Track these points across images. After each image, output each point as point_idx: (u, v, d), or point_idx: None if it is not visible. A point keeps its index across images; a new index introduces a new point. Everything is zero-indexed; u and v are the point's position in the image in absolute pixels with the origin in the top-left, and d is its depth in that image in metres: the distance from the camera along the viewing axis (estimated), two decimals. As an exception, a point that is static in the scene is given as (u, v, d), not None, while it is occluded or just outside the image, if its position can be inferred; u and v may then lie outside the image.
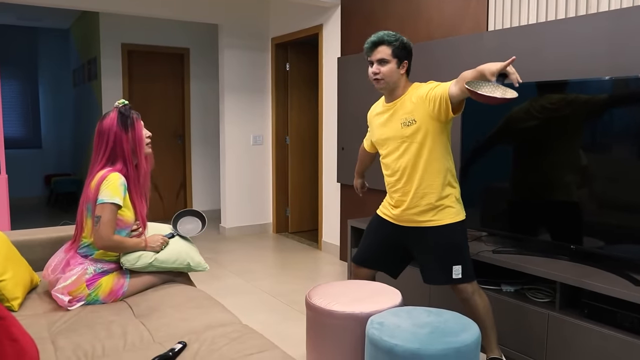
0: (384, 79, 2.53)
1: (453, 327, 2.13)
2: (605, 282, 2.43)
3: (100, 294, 2.34)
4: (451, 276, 2.55)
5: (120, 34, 6.49)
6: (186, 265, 2.55)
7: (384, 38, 2.53)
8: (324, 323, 2.40)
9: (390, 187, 2.68)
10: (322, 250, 5.39)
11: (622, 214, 2.52)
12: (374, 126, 2.73)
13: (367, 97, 4.49)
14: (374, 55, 2.53)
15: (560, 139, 2.73)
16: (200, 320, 2.04)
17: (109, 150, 2.38)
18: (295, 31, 5.63)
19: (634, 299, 2.27)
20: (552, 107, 2.72)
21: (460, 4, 3.67)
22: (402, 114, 2.54)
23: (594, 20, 2.83)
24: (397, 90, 2.59)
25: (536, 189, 2.89)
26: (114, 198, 2.29)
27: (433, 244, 2.57)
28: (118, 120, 2.39)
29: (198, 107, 7.13)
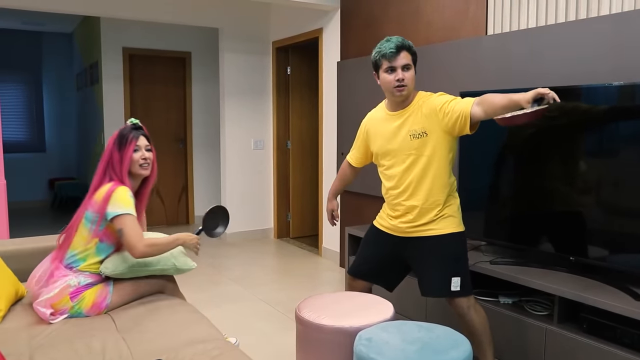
0: (407, 86, 2.40)
1: (443, 343, 2.05)
2: (604, 296, 2.35)
3: (84, 307, 2.29)
4: (449, 288, 2.44)
5: (122, 38, 6.47)
6: (171, 266, 2.48)
7: (404, 43, 2.40)
8: (313, 337, 2.34)
9: (392, 199, 2.57)
10: (322, 256, 5.33)
11: (623, 225, 2.43)
12: (375, 136, 2.59)
13: (367, 102, 4.42)
14: (398, 61, 2.37)
15: (559, 148, 2.65)
16: (181, 336, 1.98)
17: (103, 164, 2.40)
18: (295, 35, 5.58)
19: (634, 315, 2.19)
20: (552, 115, 2.64)
21: (460, 7, 3.60)
22: (411, 126, 2.43)
23: (594, 24, 2.75)
24: (408, 99, 2.48)
25: (535, 198, 2.81)
26: (128, 208, 2.28)
27: (433, 253, 2.48)
28: (116, 138, 2.42)
29: (200, 111, 7.09)
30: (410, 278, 3.26)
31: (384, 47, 2.39)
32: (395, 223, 2.55)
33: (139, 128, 2.47)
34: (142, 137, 2.45)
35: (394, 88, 2.39)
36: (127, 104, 6.59)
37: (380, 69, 2.44)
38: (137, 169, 2.43)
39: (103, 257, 2.39)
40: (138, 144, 2.42)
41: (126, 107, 6.58)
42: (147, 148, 2.46)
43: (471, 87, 3.41)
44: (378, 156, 2.61)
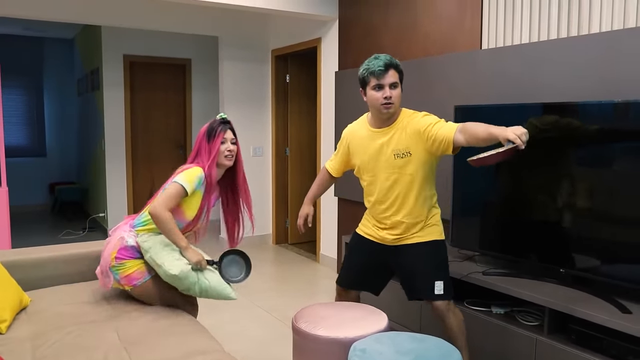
0: (394, 104, 2.46)
1: (435, 355, 2.12)
2: (592, 308, 2.42)
3: (120, 273, 2.51)
4: (433, 291, 2.56)
5: (122, 45, 6.54)
6: (224, 295, 2.54)
7: (392, 62, 2.45)
8: (309, 347, 2.40)
9: (378, 213, 2.66)
10: (320, 263, 5.40)
11: (611, 239, 2.50)
12: (357, 151, 2.65)
13: (364, 112, 4.49)
14: (386, 79, 2.43)
15: (551, 161, 2.72)
16: (181, 348, 2.05)
17: (194, 152, 2.66)
18: (294, 44, 5.65)
19: (619, 327, 2.25)
20: (544, 129, 2.71)
21: (456, 21, 3.67)
22: (396, 145, 2.49)
23: (586, 42, 2.82)
24: (393, 116, 2.53)
25: (526, 211, 2.88)
26: (185, 183, 2.49)
27: (418, 259, 2.60)
28: (206, 130, 2.65)
29: (199, 117, 7.16)
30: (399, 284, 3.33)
31: (373, 65, 2.43)
32: (382, 234, 2.66)
33: (227, 122, 2.67)
34: (229, 130, 2.65)
35: (381, 105, 2.44)
36: (128, 110, 6.66)
37: (367, 85, 2.48)
38: (223, 159, 2.62)
39: None
40: (225, 137, 2.62)
41: (126, 113, 6.65)
42: (233, 141, 2.66)
43: (467, 100, 3.48)
44: (360, 170, 2.67)
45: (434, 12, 3.84)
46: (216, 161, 2.61)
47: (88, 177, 7.93)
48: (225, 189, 2.79)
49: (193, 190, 2.52)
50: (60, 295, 2.66)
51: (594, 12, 2.84)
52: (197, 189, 2.54)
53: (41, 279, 2.84)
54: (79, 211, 8.18)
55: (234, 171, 2.74)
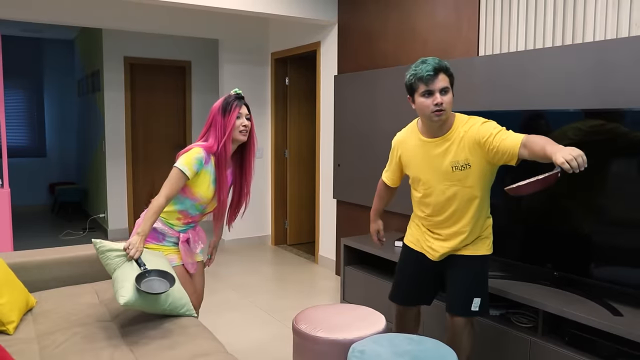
0: (445, 111, 2.26)
1: (431, 356, 2.19)
2: (585, 310, 2.49)
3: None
4: (470, 308, 2.45)
5: (123, 47, 6.60)
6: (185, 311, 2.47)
7: (441, 65, 2.27)
8: (309, 348, 2.47)
9: (431, 225, 2.52)
10: (319, 264, 5.46)
11: (604, 243, 2.57)
12: (410, 162, 2.50)
13: (363, 116, 4.56)
14: (437, 84, 2.25)
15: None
16: (186, 349, 2.11)
17: (206, 127, 2.65)
18: (294, 47, 5.71)
19: (611, 329, 2.32)
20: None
21: (453, 28, 3.74)
22: (454, 157, 2.33)
23: (579, 50, 2.89)
24: (446, 124, 2.35)
25: (522, 215, 2.94)
26: (183, 166, 2.52)
27: (461, 273, 2.48)
28: (221, 105, 2.64)
29: (199, 118, 7.22)
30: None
31: (420, 70, 2.26)
32: (435, 246, 2.51)
33: (242, 97, 2.68)
34: (244, 106, 2.66)
35: (432, 113, 2.26)
36: (128, 112, 6.71)
37: (415, 92, 2.30)
38: (237, 134, 2.62)
39: (180, 208, 2.62)
40: (240, 112, 2.63)
41: (127, 115, 6.70)
42: (247, 116, 2.67)
43: (464, 106, 3.54)
44: (414, 181, 2.52)
45: (432, 20, 3.91)
46: (230, 135, 2.61)
47: (88, 178, 7.98)
48: (234, 164, 2.78)
49: (194, 172, 2.54)
50: (65, 297, 2.72)
51: (587, 22, 2.91)
52: (200, 168, 2.56)
53: (47, 281, 2.89)
54: (79, 212, 8.23)
55: (247, 147, 2.75)
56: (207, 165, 2.58)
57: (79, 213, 8.16)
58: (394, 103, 4.20)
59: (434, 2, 3.89)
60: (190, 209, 2.63)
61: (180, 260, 2.67)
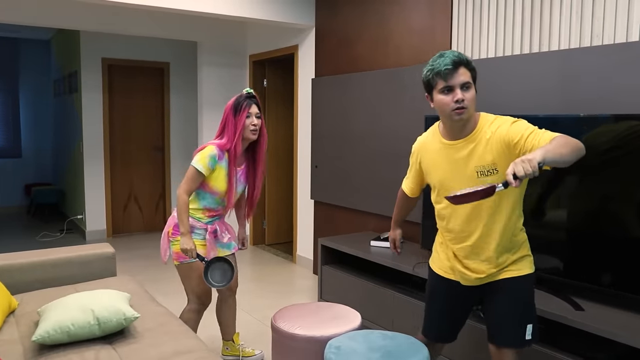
0: (467, 108, 2.00)
1: (404, 351, 2.30)
2: (549, 305, 2.62)
3: (173, 249, 2.83)
4: (524, 336, 2.13)
5: (101, 48, 6.60)
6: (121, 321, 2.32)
7: (461, 58, 2.01)
8: (287, 345, 2.56)
9: (453, 243, 2.21)
10: (297, 263, 5.55)
11: (567, 240, 2.71)
12: (430, 167, 2.23)
13: (340, 119, 4.66)
14: (456, 79, 1.98)
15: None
16: (168, 347, 2.18)
17: (221, 126, 2.83)
18: (272, 50, 5.79)
19: (573, 323, 2.46)
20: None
21: (427, 34, 3.86)
22: (479, 160, 2.04)
23: (545, 58, 3.03)
24: (470, 124, 2.07)
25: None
26: (198, 164, 2.73)
27: (507, 300, 2.15)
28: (233, 104, 2.80)
29: (178, 120, 7.25)
30: (374, 285, 3.52)
31: (438, 64, 2.00)
32: (463, 271, 2.21)
33: (253, 97, 2.83)
34: (254, 105, 2.81)
35: (453, 111, 2.00)
36: (106, 113, 6.72)
37: (434, 89, 2.05)
38: (248, 133, 2.79)
39: (203, 204, 2.83)
40: (250, 112, 2.78)
41: (105, 116, 6.71)
42: (257, 115, 2.82)
43: (435, 111, 3.66)
44: (436, 191, 2.23)
45: (407, 25, 4.03)
46: (241, 134, 2.77)
47: (65, 179, 7.95)
48: (247, 160, 2.94)
49: (209, 169, 2.74)
50: (48, 298, 2.76)
51: (553, 31, 3.05)
52: (214, 165, 2.75)
53: (29, 283, 2.94)
54: (55, 213, 8.19)
55: (258, 144, 2.91)
56: (222, 161, 2.78)
57: (55, 214, 8.12)
58: (370, 106, 4.31)
59: (408, 8, 4.01)
60: (212, 204, 2.84)
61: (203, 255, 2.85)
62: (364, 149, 4.40)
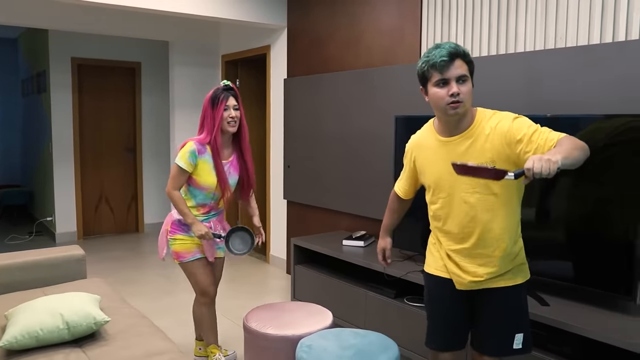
0: (463, 102, 1.91)
1: (375, 348, 2.33)
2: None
3: (172, 248, 2.88)
4: (512, 346, 2.08)
5: (70, 48, 6.50)
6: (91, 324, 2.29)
7: (458, 50, 1.92)
8: (259, 345, 2.58)
9: (451, 244, 2.11)
10: (270, 263, 5.56)
11: (532, 237, 2.78)
12: (426, 165, 2.13)
13: (312, 119, 4.68)
14: (452, 71, 1.90)
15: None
16: (139, 349, 2.18)
17: (201, 120, 2.84)
18: (244, 50, 5.79)
19: (539, 318, 2.52)
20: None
21: (397, 35, 3.91)
22: (477, 157, 1.95)
23: (511, 60, 3.10)
24: (466, 119, 1.99)
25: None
26: (180, 161, 2.76)
27: (498, 309, 2.10)
28: (210, 97, 2.80)
29: (149, 120, 7.19)
30: (346, 284, 3.55)
31: (434, 55, 1.92)
32: (459, 272, 2.10)
33: (230, 89, 2.83)
34: (232, 97, 2.81)
35: (448, 105, 1.92)
36: (76, 113, 6.62)
37: (428, 82, 1.97)
38: (226, 126, 2.80)
39: (196, 201, 2.86)
40: (227, 104, 2.78)
41: (75, 116, 6.61)
42: (235, 107, 2.82)
43: (407, 110, 3.71)
44: (431, 191, 2.14)
45: (377, 26, 4.07)
46: (219, 127, 2.78)
47: (34, 180, 7.81)
48: (236, 152, 2.97)
49: (191, 164, 2.76)
50: (16, 302, 2.71)
51: (519, 33, 3.12)
52: (196, 160, 2.77)
53: (-4, 287, 2.89)
54: (24, 215, 8.04)
55: (240, 135, 2.92)
56: (204, 155, 2.78)
57: (24, 216, 7.97)
58: (341, 106, 4.34)
59: (378, 9, 4.05)
60: (204, 199, 2.86)
61: (203, 254, 2.90)
62: (336, 149, 4.43)
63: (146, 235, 7.05)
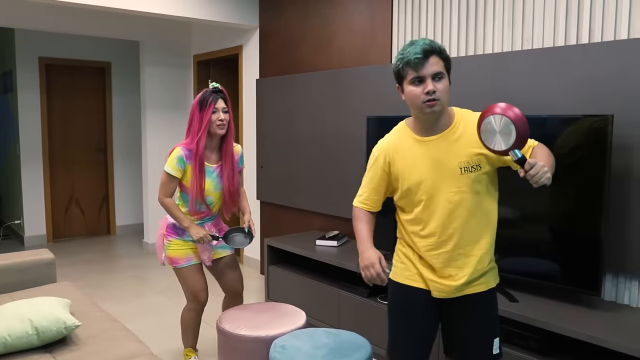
0: (439, 100, 1.85)
1: (348, 347, 2.35)
2: (485, 299, 2.73)
3: (167, 253, 2.89)
4: (491, 352, 2.03)
5: (38, 47, 6.38)
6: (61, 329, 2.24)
7: (433, 46, 1.85)
8: (233, 346, 2.58)
9: (430, 249, 1.97)
10: (244, 264, 5.55)
11: (501, 231, 2.83)
12: (406, 168, 1.98)
13: (284, 119, 4.69)
14: (427, 69, 1.83)
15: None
16: (111, 352, 2.16)
17: (188, 123, 2.81)
18: (216, 50, 5.76)
19: (508, 314, 2.58)
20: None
21: (368, 36, 3.94)
22: (462, 156, 1.91)
23: (480, 61, 3.15)
24: (445, 118, 1.94)
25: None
26: (168, 167, 2.76)
27: (477, 316, 2.03)
28: (199, 100, 2.78)
29: (120, 121, 7.10)
30: (320, 284, 3.57)
31: (408, 53, 1.85)
32: (436, 279, 1.99)
33: (219, 91, 2.80)
34: (220, 100, 2.78)
35: (423, 104, 1.85)
36: (45, 114, 6.50)
37: (404, 80, 1.90)
38: (215, 128, 2.76)
39: (187, 208, 2.86)
40: (216, 107, 2.75)
41: (43, 117, 6.49)
42: (224, 110, 2.79)
43: (379, 111, 3.75)
44: (409, 195, 1.99)
45: (349, 28, 4.10)
46: (207, 130, 2.75)
47: (1, 183, 7.64)
48: (222, 156, 2.90)
49: (179, 170, 2.75)
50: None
51: (487, 34, 3.18)
52: (184, 166, 2.76)
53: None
54: (-9, 218, 7.86)
55: (225, 138, 2.88)
56: (191, 160, 2.75)
57: (-9, 219, 7.80)
58: (314, 106, 4.36)
59: (350, 11, 4.08)
60: (196, 205, 2.83)
61: (197, 259, 2.90)
62: (309, 149, 4.44)
63: (118, 238, 6.97)
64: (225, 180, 2.87)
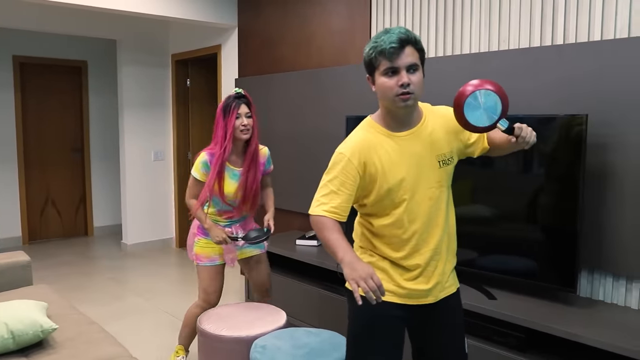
0: (413, 93, 1.74)
1: (328, 346, 2.36)
2: (463, 295, 2.76)
3: (195, 249, 2.99)
4: (465, 352, 1.98)
5: (11, 45, 6.26)
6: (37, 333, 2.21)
7: (408, 35, 1.72)
8: (214, 347, 2.57)
9: (411, 253, 1.84)
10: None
11: (481, 232, 2.87)
12: (385, 166, 1.81)
13: (263, 119, 4.67)
14: (402, 60, 1.71)
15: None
16: (89, 355, 2.14)
17: (214, 130, 2.88)
18: (195, 49, 5.72)
19: (486, 312, 2.61)
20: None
21: (347, 36, 3.95)
22: (438, 149, 1.84)
23: (457, 61, 3.18)
24: (417, 112, 1.86)
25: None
26: (194, 172, 2.89)
27: (454, 319, 1.98)
28: (222, 106, 2.86)
29: (97, 120, 7.01)
30: (300, 283, 3.57)
31: (382, 41, 1.72)
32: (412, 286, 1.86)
33: (242, 97, 2.86)
34: (244, 105, 2.84)
35: (397, 97, 1.73)
36: (19, 114, 6.39)
37: (376, 70, 1.77)
38: (239, 134, 2.83)
39: (217, 208, 2.94)
40: (239, 112, 2.81)
41: (17, 117, 6.38)
42: (248, 115, 2.84)
43: (358, 110, 3.76)
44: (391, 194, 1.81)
45: (328, 27, 4.11)
46: (232, 136, 2.81)
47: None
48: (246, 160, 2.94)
49: (204, 174, 2.85)
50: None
51: (465, 35, 3.21)
52: (209, 170, 2.83)
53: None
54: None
55: (249, 143, 2.93)
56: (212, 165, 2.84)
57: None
58: (293, 106, 4.36)
59: (329, 10, 4.09)
60: (223, 206, 2.93)
61: (222, 260, 2.97)
62: (288, 149, 4.44)
63: (96, 239, 6.88)
64: (248, 183, 2.95)
